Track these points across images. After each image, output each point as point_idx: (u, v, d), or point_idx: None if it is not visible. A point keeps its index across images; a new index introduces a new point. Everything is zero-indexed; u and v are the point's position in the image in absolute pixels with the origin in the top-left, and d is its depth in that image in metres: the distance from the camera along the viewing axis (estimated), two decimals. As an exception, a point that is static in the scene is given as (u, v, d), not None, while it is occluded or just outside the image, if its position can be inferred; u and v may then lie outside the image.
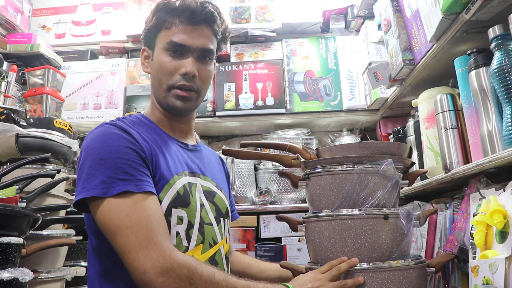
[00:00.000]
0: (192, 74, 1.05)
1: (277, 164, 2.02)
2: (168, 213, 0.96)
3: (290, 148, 1.18)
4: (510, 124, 0.98)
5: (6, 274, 1.00)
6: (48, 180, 1.33)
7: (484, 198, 1.08)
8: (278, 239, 2.09)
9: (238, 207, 2.04)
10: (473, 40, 1.25)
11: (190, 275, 0.84)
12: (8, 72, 1.90)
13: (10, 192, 1.19)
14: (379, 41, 1.90)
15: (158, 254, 0.83)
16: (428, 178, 1.41)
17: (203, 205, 1.04)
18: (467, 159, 1.24)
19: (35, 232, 1.31)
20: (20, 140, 1.38)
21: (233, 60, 2.34)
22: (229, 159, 2.06)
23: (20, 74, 2.00)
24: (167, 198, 0.97)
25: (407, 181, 1.11)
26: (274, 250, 2.06)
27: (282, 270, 1.18)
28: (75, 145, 1.61)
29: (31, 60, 2.16)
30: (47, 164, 1.44)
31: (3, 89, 1.85)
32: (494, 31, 1.05)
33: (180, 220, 0.98)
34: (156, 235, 0.86)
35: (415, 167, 1.53)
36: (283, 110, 2.21)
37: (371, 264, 0.97)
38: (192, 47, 1.05)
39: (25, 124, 1.60)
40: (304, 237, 1.15)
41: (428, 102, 1.43)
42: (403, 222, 1.01)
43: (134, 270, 0.84)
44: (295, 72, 2.28)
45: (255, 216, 2.11)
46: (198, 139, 1.22)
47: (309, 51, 2.32)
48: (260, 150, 1.79)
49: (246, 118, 2.22)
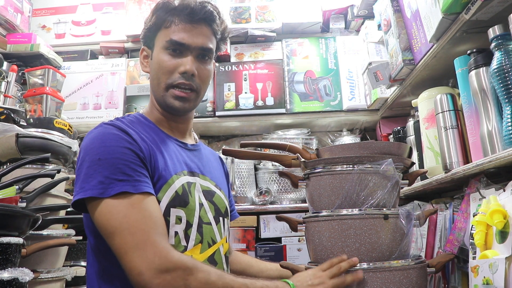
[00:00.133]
0: (191, 72, 1.05)
1: (277, 164, 2.02)
2: (166, 213, 0.96)
3: (290, 148, 1.18)
4: (510, 124, 0.98)
5: (6, 274, 1.00)
6: (48, 180, 1.33)
7: (484, 198, 1.08)
8: (278, 239, 2.09)
9: (238, 207, 2.04)
10: (473, 40, 1.25)
11: (185, 276, 0.84)
12: (8, 72, 1.90)
13: (10, 192, 1.19)
14: (379, 41, 1.90)
15: (153, 256, 0.83)
16: (428, 178, 1.41)
17: (202, 204, 1.04)
18: (467, 159, 1.24)
19: (35, 232, 1.31)
20: (20, 140, 1.38)
21: (233, 60, 2.34)
22: (229, 159, 2.06)
23: (20, 74, 2.00)
24: (165, 198, 0.97)
25: (407, 181, 1.11)
26: (274, 250, 2.06)
27: (282, 270, 1.18)
28: (75, 145, 1.61)
29: (31, 60, 2.16)
30: (47, 164, 1.44)
31: (3, 89, 1.85)
32: (494, 31, 1.05)
33: (179, 220, 0.98)
34: (152, 236, 0.86)
35: (415, 167, 1.53)
36: (283, 110, 2.21)
37: (371, 264, 0.97)
38: (192, 46, 1.05)
39: (25, 124, 1.60)
40: (304, 237, 1.15)
41: (428, 102, 1.43)
42: (403, 222, 1.01)
43: (131, 272, 0.84)
44: (295, 72, 2.27)
45: (255, 216, 2.11)
46: (197, 139, 1.22)
47: (309, 51, 2.31)
48: (260, 150, 1.79)
49: (246, 118, 2.22)
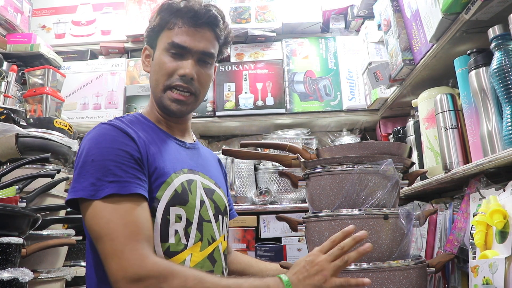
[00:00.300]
0: (190, 76, 1.04)
1: (277, 164, 2.01)
2: (166, 211, 0.96)
3: (290, 148, 1.18)
4: (510, 124, 0.98)
5: (6, 274, 1.00)
6: (48, 180, 1.33)
7: (484, 198, 1.08)
8: (278, 239, 2.09)
9: (238, 207, 2.04)
10: (473, 40, 1.25)
11: (158, 284, 0.82)
12: (8, 72, 1.90)
13: (10, 192, 1.19)
14: (379, 41, 1.90)
15: (127, 264, 0.83)
16: (428, 178, 1.41)
17: (203, 201, 1.04)
18: (467, 159, 1.24)
19: (35, 232, 1.31)
20: (20, 140, 1.38)
21: (233, 60, 2.34)
22: (229, 159, 2.06)
23: (20, 74, 2.00)
24: (165, 197, 0.97)
25: (407, 181, 1.11)
26: (274, 250, 2.06)
27: (282, 270, 1.18)
28: (75, 145, 1.61)
29: (31, 60, 2.16)
30: (47, 164, 1.44)
31: (3, 89, 1.85)
32: (494, 31, 1.05)
33: (179, 218, 0.98)
34: (131, 243, 0.85)
35: (415, 167, 1.53)
36: (283, 110, 2.21)
37: (371, 264, 0.97)
38: (193, 50, 1.05)
39: (25, 124, 1.60)
40: (304, 237, 1.15)
41: (428, 102, 1.43)
42: (403, 222, 1.01)
43: (110, 278, 0.85)
44: (295, 72, 2.27)
45: (255, 216, 2.11)
46: (195, 138, 1.22)
47: (309, 51, 2.31)
48: (260, 150, 1.79)
49: (246, 118, 2.22)
